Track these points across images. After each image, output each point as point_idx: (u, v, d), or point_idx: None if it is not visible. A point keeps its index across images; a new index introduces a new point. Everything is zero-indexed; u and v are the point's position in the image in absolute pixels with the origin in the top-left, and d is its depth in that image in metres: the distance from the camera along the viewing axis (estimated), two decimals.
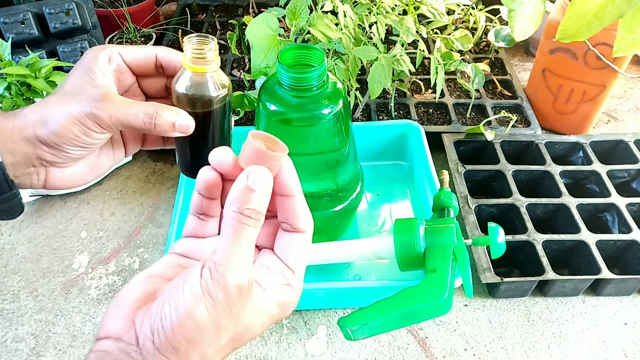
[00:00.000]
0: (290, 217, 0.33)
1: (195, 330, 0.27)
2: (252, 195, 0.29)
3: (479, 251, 0.64)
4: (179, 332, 0.27)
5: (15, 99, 0.70)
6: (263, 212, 0.30)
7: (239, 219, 0.28)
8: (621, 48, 0.57)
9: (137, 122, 0.37)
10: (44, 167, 0.39)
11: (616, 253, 0.67)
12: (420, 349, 0.62)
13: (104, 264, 0.71)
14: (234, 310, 0.28)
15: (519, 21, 0.62)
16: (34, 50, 0.76)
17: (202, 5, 1.18)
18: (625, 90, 1.04)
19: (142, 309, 0.29)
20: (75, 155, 0.39)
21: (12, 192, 0.38)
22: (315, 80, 0.52)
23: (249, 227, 0.29)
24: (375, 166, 0.82)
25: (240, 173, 0.30)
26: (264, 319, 0.31)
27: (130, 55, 0.40)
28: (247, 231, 0.29)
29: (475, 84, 0.83)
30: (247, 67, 0.98)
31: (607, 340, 0.63)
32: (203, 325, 0.27)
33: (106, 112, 0.36)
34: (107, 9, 0.99)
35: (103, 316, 0.30)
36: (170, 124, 0.38)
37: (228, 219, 0.29)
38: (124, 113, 0.37)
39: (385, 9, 0.74)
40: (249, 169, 0.29)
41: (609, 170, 0.76)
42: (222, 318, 0.28)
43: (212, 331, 0.27)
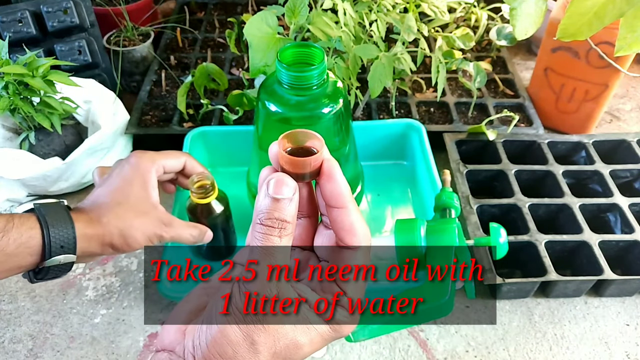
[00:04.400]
0: (338, 231, 0.30)
1: (227, 347, 0.27)
2: (275, 204, 0.27)
3: (481, 252, 0.64)
4: (213, 348, 0.27)
5: (12, 98, 0.69)
6: (290, 221, 0.28)
7: (263, 230, 0.27)
8: (623, 47, 0.57)
9: (188, 240, 0.54)
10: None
11: (619, 253, 0.66)
12: (422, 351, 0.61)
13: (101, 265, 0.70)
14: (267, 326, 0.27)
15: (520, 19, 0.61)
16: (31, 49, 0.76)
17: (201, 3, 1.17)
18: (628, 90, 1.03)
19: (194, 322, 0.29)
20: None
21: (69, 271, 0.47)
22: (315, 79, 0.51)
23: (274, 237, 0.27)
24: (376, 166, 0.81)
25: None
26: (311, 336, 0.29)
27: (169, 166, 0.55)
28: (273, 242, 0.27)
29: (477, 82, 0.83)
30: (245, 65, 0.98)
31: (609, 341, 0.62)
32: (235, 342, 0.27)
33: (170, 234, 0.51)
34: (105, 7, 0.98)
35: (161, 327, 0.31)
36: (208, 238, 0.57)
37: (253, 231, 0.28)
38: (180, 235, 0.52)
39: (385, 7, 0.73)
40: (271, 176, 0.28)
41: (612, 170, 0.75)
42: (253, 334, 0.27)
43: (245, 347, 0.27)
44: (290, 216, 0.28)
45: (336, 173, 0.29)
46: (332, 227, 0.30)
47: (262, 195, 0.28)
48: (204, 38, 1.06)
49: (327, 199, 0.29)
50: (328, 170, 0.29)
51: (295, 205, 0.28)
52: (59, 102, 0.73)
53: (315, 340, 0.29)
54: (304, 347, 0.29)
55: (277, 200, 0.27)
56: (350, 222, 0.29)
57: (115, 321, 0.64)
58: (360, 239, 0.30)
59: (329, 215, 0.30)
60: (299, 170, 0.29)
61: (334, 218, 0.30)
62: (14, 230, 0.42)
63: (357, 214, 0.30)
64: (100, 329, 0.63)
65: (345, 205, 0.29)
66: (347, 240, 0.30)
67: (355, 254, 0.30)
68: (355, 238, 0.30)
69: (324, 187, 0.29)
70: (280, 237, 0.28)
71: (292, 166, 0.28)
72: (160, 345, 0.29)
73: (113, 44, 0.94)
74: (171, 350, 0.29)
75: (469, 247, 0.51)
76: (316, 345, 0.30)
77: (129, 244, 0.48)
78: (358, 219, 0.30)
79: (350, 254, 0.30)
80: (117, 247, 0.48)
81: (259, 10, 1.05)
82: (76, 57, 0.89)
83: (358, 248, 0.30)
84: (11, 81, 0.68)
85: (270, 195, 0.27)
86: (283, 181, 0.28)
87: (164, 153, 0.55)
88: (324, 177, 0.29)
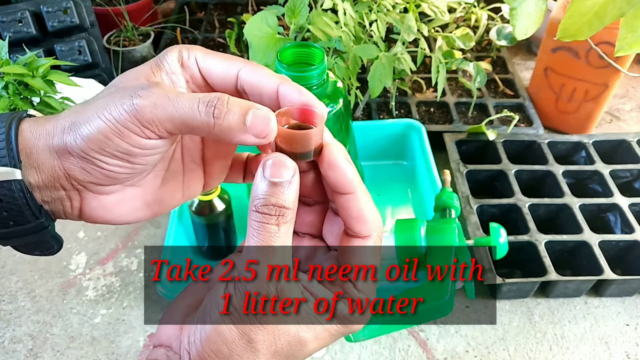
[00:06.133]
0: (347, 219, 0.27)
1: (222, 345, 0.25)
2: (272, 189, 0.25)
3: (481, 252, 0.64)
4: (207, 346, 0.25)
5: (12, 98, 0.69)
6: (289, 207, 0.25)
7: (258, 218, 0.25)
8: (623, 47, 0.57)
9: (192, 114, 0.25)
10: (76, 192, 0.28)
11: (619, 253, 0.66)
12: (421, 351, 0.61)
13: (101, 265, 0.70)
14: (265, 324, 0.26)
15: (520, 19, 0.61)
16: (31, 49, 0.76)
17: (201, 3, 1.17)
18: (628, 90, 1.03)
19: (190, 318, 0.28)
20: (114, 174, 0.27)
21: (37, 221, 0.27)
22: (315, 79, 0.51)
23: (271, 226, 0.25)
24: (376, 166, 0.81)
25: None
26: (316, 332, 0.27)
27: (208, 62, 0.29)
28: (270, 232, 0.25)
29: (477, 82, 0.83)
30: None
31: (609, 341, 0.62)
32: (230, 340, 0.25)
33: (150, 99, 0.25)
34: (105, 7, 0.98)
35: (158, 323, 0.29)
36: (240, 121, 0.26)
37: (249, 219, 0.25)
38: (175, 102, 0.25)
39: (386, 7, 0.73)
40: (265, 157, 0.26)
41: (612, 170, 0.75)
42: (250, 332, 0.25)
43: (242, 345, 0.26)
44: (290, 202, 0.25)
45: (338, 159, 0.26)
46: (340, 214, 0.28)
47: (258, 178, 0.25)
48: (204, 38, 1.06)
49: (333, 186, 0.27)
50: (328, 156, 0.26)
51: (295, 189, 0.25)
52: (59, 102, 0.73)
53: (321, 336, 0.27)
54: (309, 343, 0.27)
55: (274, 184, 0.25)
56: (358, 208, 0.27)
57: (115, 321, 0.64)
58: (371, 227, 0.27)
59: (335, 202, 0.27)
60: (300, 148, 0.26)
61: (341, 205, 0.27)
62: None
63: (367, 199, 0.27)
64: (100, 329, 0.63)
65: (353, 191, 0.27)
66: (356, 229, 0.27)
67: (366, 242, 0.27)
68: (365, 226, 0.27)
69: (327, 175, 0.27)
70: (279, 226, 0.25)
71: (292, 143, 0.26)
72: (157, 341, 0.28)
73: (113, 44, 0.94)
74: (168, 346, 0.27)
75: (469, 247, 0.51)
76: (323, 341, 0.27)
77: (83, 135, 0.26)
78: (368, 205, 0.27)
79: (360, 243, 0.27)
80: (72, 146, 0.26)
81: (259, 10, 1.05)
82: (76, 57, 0.90)
83: (369, 237, 0.27)
84: (11, 81, 0.68)
85: (267, 178, 0.25)
86: (281, 162, 0.25)
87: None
88: (324, 165, 0.26)
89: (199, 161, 0.32)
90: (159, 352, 0.27)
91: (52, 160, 0.27)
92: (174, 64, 0.28)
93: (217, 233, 0.62)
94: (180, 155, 0.31)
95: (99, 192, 0.28)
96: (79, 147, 0.26)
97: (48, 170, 0.27)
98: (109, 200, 0.29)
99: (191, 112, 0.25)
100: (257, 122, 0.25)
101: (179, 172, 0.31)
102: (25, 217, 0.27)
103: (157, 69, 0.28)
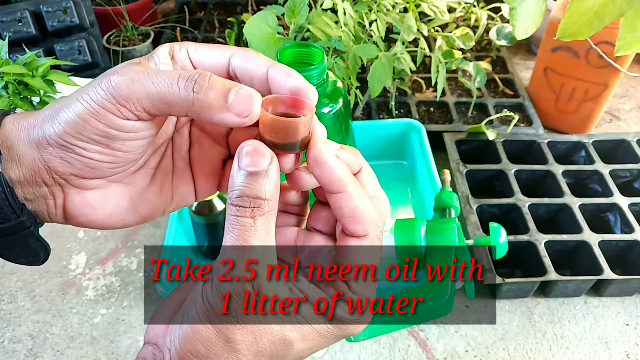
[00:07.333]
0: (341, 219, 0.26)
1: (199, 344, 0.25)
2: (247, 179, 0.24)
3: (481, 252, 0.64)
4: (185, 345, 0.25)
5: (12, 98, 0.69)
6: (266, 197, 0.24)
7: (233, 212, 0.24)
8: (623, 47, 0.57)
9: (171, 89, 0.24)
10: (59, 187, 0.27)
11: (619, 253, 0.66)
12: (421, 351, 0.61)
13: (101, 265, 0.70)
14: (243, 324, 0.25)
15: (520, 19, 0.61)
16: (31, 49, 0.76)
17: (201, 3, 1.17)
18: (628, 90, 1.03)
19: (177, 315, 0.27)
20: (94, 162, 0.26)
21: (19, 219, 0.26)
22: (315, 79, 0.51)
23: (246, 219, 0.23)
24: (375, 166, 0.80)
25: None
26: (303, 332, 0.26)
27: (200, 53, 0.28)
28: (245, 226, 0.23)
29: (477, 82, 0.83)
30: None
31: (609, 341, 0.62)
32: (207, 339, 0.25)
33: (129, 75, 0.24)
34: (105, 7, 0.98)
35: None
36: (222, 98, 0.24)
37: (227, 213, 0.24)
38: (153, 78, 0.24)
39: (386, 7, 0.73)
40: (242, 145, 0.24)
41: (612, 170, 0.75)
42: (228, 331, 0.25)
43: (219, 345, 0.25)
44: (267, 192, 0.24)
45: (324, 154, 0.25)
46: (335, 213, 0.26)
47: (234, 169, 0.24)
48: (204, 38, 1.06)
49: (322, 184, 0.25)
50: (314, 152, 0.25)
51: (273, 178, 0.24)
52: None
53: (310, 337, 0.26)
54: (295, 344, 0.26)
55: (250, 174, 0.24)
56: (351, 208, 0.25)
57: (115, 321, 0.64)
58: (367, 227, 0.26)
59: (329, 200, 0.26)
60: (284, 139, 0.24)
61: (333, 204, 0.26)
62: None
63: (361, 196, 0.26)
64: (100, 329, 0.63)
65: (343, 190, 0.25)
66: (351, 229, 0.26)
67: (362, 242, 0.26)
68: (360, 226, 0.26)
69: (314, 172, 0.25)
70: (254, 219, 0.24)
71: (276, 131, 0.24)
72: (147, 339, 0.27)
73: (113, 44, 0.94)
74: (155, 343, 0.27)
75: (469, 247, 0.51)
76: (313, 342, 0.26)
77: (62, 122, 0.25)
78: (362, 203, 0.25)
79: (356, 243, 0.26)
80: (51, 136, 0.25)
81: (259, 10, 1.05)
82: (76, 57, 0.90)
83: (366, 236, 0.26)
84: (11, 81, 0.68)
85: (243, 168, 0.24)
86: (257, 149, 0.24)
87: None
88: (311, 161, 0.25)
89: (187, 160, 0.31)
90: (147, 350, 0.27)
91: (33, 152, 0.26)
92: (164, 56, 0.28)
93: (217, 233, 0.62)
94: (170, 154, 0.31)
95: (82, 186, 0.28)
96: (57, 134, 0.25)
97: (29, 163, 0.26)
98: (93, 197, 0.28)
99: (170, 88, 0.24)
100: (240, 100, 0.24)
101: (169, 173, 0.31)
102: (5, 214, 0.26)
103: (146, 60, 0.27)
